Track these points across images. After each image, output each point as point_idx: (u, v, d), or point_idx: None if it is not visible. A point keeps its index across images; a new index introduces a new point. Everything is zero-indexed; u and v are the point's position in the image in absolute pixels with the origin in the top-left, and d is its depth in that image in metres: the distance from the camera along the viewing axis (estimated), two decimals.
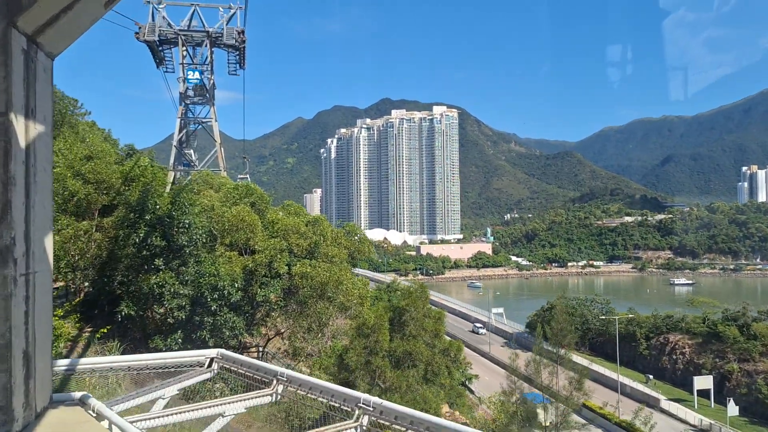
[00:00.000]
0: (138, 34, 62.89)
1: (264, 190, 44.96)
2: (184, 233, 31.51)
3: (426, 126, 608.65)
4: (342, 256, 42.44)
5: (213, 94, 70.54)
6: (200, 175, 53.93)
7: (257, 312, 37.79)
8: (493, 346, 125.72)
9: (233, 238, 36.12)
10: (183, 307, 30.87)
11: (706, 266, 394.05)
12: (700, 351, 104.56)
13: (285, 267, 35.98)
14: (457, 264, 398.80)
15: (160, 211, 31.54)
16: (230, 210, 36.85)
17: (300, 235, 38.09)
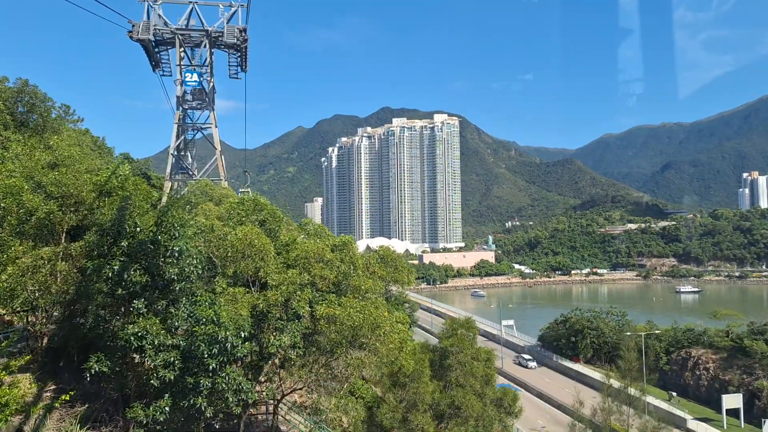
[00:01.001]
0: (131, 32, 58.05)
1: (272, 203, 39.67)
2: (174, 264, 24.97)
3: (427, 134, 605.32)
4: (377, 289, 33.85)
5: (213, 98, 65.28)
6: (198, 186, 47.55)
7: (268, 364, 30.35)
8: (506, 361, 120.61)
9: (238, 268, 29.55)
10: (171, 364, 23.92)
11: (711, 273, 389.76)
12: (725, 367, 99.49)
13: (306, 307, 28.84)
14: (460, 272, 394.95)
15: (142, 235, 25.06)
16: (234, 231, 30.26)
17: (324, 264, 30.83)
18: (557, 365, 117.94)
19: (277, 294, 27.69)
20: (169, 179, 61.55)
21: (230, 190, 48.61)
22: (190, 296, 25.89)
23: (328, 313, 28.42)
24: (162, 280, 25.07)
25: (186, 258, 25.23)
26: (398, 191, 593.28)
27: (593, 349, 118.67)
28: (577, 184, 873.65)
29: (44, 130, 45.93)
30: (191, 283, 26.03)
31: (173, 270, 24.83)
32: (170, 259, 24.97)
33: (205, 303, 24.75)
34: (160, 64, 67.53)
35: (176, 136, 62.61)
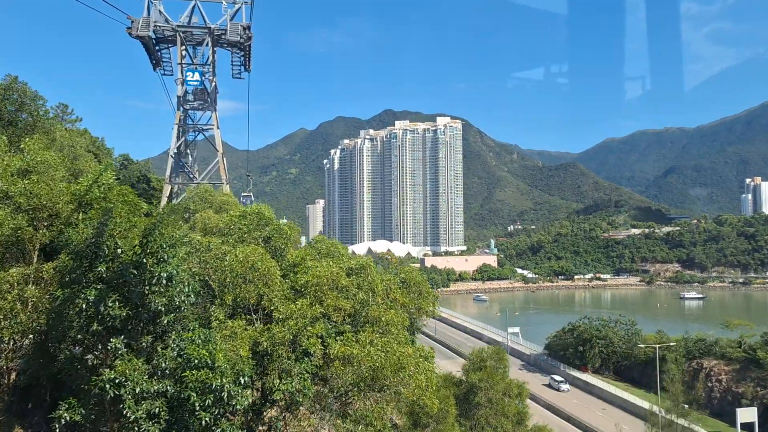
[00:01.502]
0: (130, 29, 55.61)
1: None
2: (161, 293, 20.98)
3: (429, 137, 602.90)
4: (401, 321, 29.16)
5: (215, 99, 62.73)
6: (197, 192, 44.63)
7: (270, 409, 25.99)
8: (511, 369, 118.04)
9: (238, 295, 25.53)
10: (156, 416, 19.81)
11: (715, 279, 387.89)
12: (738, 379, 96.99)
13: (318, 346, 24.62)
14: (462, 276, 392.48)
15: (124, 257, 21.11)
16: (234, 252, 26.27)
17: (339, 292, 26.64)
18: (566, 375, 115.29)
19: (284, 330, 23.76)
20: (169, 182, 59.12)
21: (231, 197, 45.26)
22: (180, 331, 21.94)
23: (343, 353, 24.73)
24: (147, 312, 21.24)
25: (176, 285, 21.46)
26: (400, 194, 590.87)
27: (601, 358, 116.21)
28: (579, 188, 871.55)
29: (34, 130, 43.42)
30: (182, 314, 22.33)
31: (160, 300, 21.00)
32: (157, 287, 21.04)
33: (198, 340, 20.95)
34: (160, 62, 65.11)
35: (176, 137, 60.11)
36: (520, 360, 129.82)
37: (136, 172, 76.51)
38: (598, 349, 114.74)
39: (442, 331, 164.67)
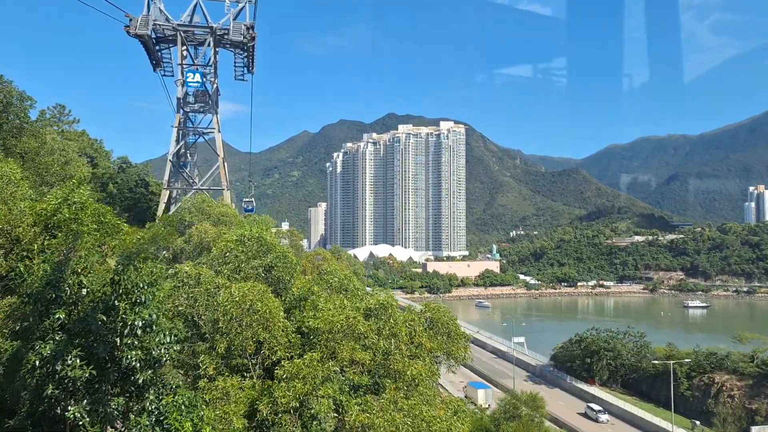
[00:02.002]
0: (128, 27, 53.17)
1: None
2: (135, 346, 16.87)
3: (433, 141, 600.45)
4: (430, 373, 25.05)
5: (216, 101, 60.07)
6: (194, 202, 41.34)
7: None
8: (517, 381, 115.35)
9: (233, 342, 21.52)
10: None
11: (719, 288, 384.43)
12: (751, 395, 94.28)
13: (331, 413, 20.34)
14: (464, 282, 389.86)
15: (89, 298, 17.25)
16: (230, 289, 22.35)
17: (356, 340, 22.49)
18: (571, 387, 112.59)
19: (289, 394, 19.39)
20: (168, 187, 56.54)
21: (230, 207, 41.39)
22: (160, 389, 17.74)
23: (362, 422, 20.11)
24: (117, 369, 16.92)
25: (156, 334, 17.22)
26: (402, 198, 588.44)
27: (609, 371, 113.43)
28: (582, 194, 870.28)
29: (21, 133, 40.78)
30: (162, 368, 17.94)
31: (135, 354, 16.71)
32: (130, 339, 16.79)
33: (182, 405, 16.85)
34: (161, 63, 62.63)
35: (176, 140, 57.52)
36: (525, 371, 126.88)
37: (135, 175, 74.10)
38: (606, 361, 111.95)
39: None
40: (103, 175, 66.80)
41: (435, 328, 29.80)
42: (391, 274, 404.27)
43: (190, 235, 30.51)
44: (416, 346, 26.48)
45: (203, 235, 30.12)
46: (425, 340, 26.82)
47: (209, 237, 29.78)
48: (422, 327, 27.92)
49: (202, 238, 29.96)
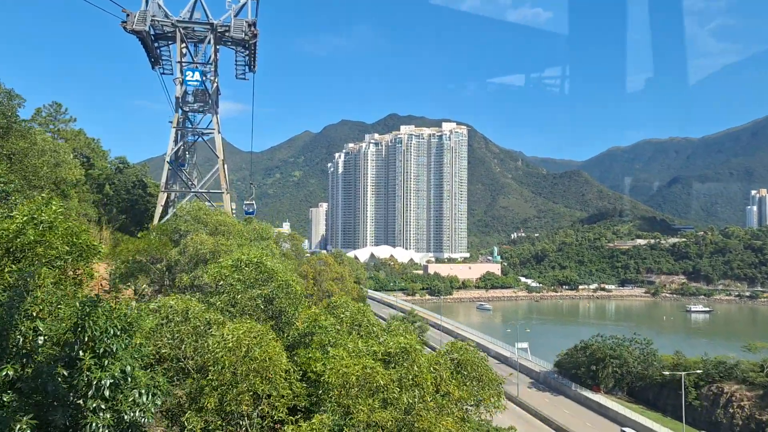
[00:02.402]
0: (125, 23, 51.10)
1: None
2: (103, 409, 13.44)
3: (435, 142, 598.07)
4: None
5: (216, 101, 57.96)
6: (189, 209, 38.28)
7: None
8: (521, 387, 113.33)
9: (226, 397, 18.04)
10: None
11: (722, 292, 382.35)
12: (762, 405, 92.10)
13: None
14: (465, 284, 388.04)
15: (45, 349, 14.13)
16: (221, 331, 19.03)
17: (374, 397, 19.29)
18: (576, 395, 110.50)
19: None
20: (165, 190, 54.42)
21: (229, 216, 37.95)
22: None
23: None
24: None
25: (129, 392, 13.79)
26: (404, 199, 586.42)
27: (615, 378, 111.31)
28: (584, 196, 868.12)
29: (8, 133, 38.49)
30: None
31: (103, 419, 13.10)
32: (95, 402, 13.25)
33: None
34: (159, 60, 60.55)
35: (174, 141, 55.43)
36: (528, 377, 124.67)
37: (132, 176, 72.11)
38: (612, 369, 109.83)
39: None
40: (99, 176, 64.87)
41: (463, 372, 26.13)
42: (392, 275, 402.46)
43: (185, 246, 28.49)
44: (443, 395, 22.62)
45: (199, 246, 28.11)
46: (453, 387, 23.35)
47: (205, 248, 27.72)
48: (449, 372, 24.57)
49: (197, 250, 27.86)
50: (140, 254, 29.09)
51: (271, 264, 24.20)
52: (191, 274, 26.52)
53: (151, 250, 28.67)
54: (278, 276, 23.64)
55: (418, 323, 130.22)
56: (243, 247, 28.53)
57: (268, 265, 24.15)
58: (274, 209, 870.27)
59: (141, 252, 29.44)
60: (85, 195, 57.93)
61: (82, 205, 56.23)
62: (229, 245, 27.29)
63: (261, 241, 31.35)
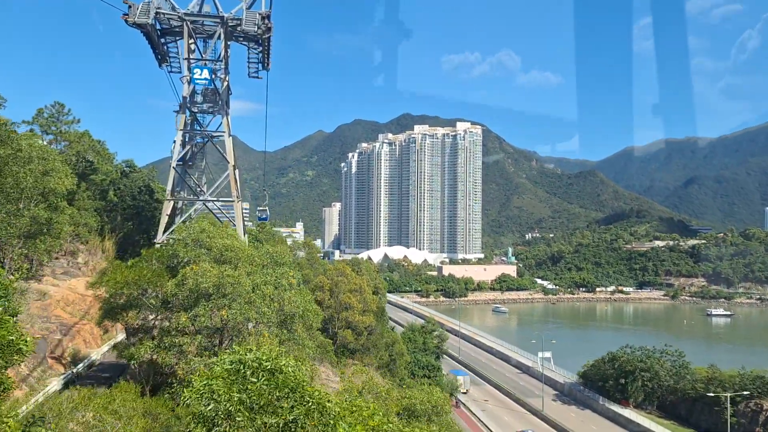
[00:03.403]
0: (127, 15, 46.67)
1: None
2: None
3: (449, 142, 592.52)
4: None
5: (227, 101, 53.40)
6: (190, 231, 31.94)
7: None
8: (545, 400, 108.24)
9: None
10: None
11: (742, 296, 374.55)
12: None
13: None
14: (481, 286, 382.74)
15: None
16: None
17: None
18: (604, 409, 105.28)
19: None
20: (171, 198, 49.87)
21: (236, 238, 29.72)
22: None
23: None
24: None
25: None
26: (418, 199, 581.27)
27: (645, 392, 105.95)
28: (599, 196, 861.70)
29: None
30: None
31: None
32: None
33: None
34: (167, 58, 56.04)
35: (181, 145, 50.99)
36: (553, 389, 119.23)
37: (139, 181, 67.90)
38: (642, 382, 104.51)
39: (465, 351, 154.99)
40: (102, 182, 60.62)
41: None
42: (406, 276, 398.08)
43: (183, 277, 24.06)
44: None
45: (200, 278, 24.18)
46: None
47: (208, 281, 23.49)
48: None
49: (198, 283, 23.71)
50: (129, 286, 25.00)
51: (294, 370, 15.52)
52: (191, 313, 22.07)
53: (143, 282, 24.35)
54: (305, 391, 15.11)
55: (437, 332, 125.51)
56: (255, 275, 23.80)
57: (288, 373, 15.32)
58: (287, 208, 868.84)
59: (131, 284, 25.16)
60: (85, 202, 53.74)
61: (82, 214, 52.04)
62: (237, 276, 22.98)
63: (275, 268, 26.63)
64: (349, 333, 66.53)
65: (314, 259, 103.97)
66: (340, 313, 67.36)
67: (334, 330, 67.52)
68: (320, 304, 70.31)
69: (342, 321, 67.48)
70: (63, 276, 41.67)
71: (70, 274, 43.28)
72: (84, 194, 54.34)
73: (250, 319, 21.89)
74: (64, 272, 43.10)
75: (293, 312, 22.70)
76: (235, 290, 21.98)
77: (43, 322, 31.31)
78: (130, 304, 24.58)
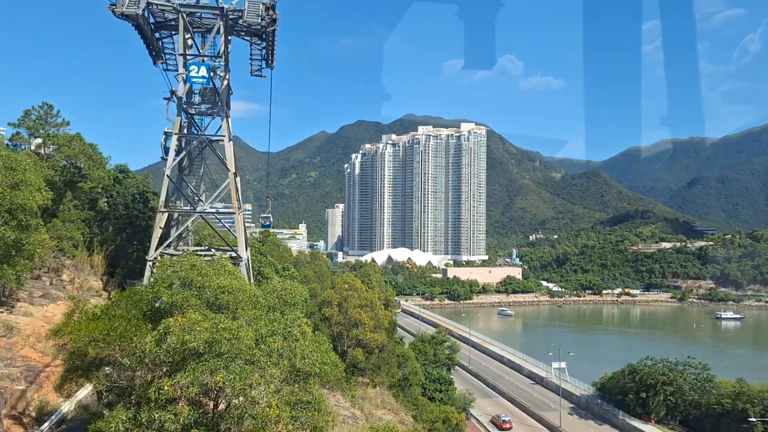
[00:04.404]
0: (114, 5, 41.57)
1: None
2: None
3: (453, 143, 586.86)
4: None
5: (227, 101, 48.29)
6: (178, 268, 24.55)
7: None
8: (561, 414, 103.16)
9: None
10: None
11: (751, 298, 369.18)
12: None
13: None
14: (486, 288, 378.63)
15: None
16: None
17: None
18: (624, 425, 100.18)
19: None
20: (165, 210, 44.72)
21: (236, 275, 24.60)
22: None
23: None
24: None
25: None
26: (422, 201, 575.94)
27: (667, 407, 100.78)
28: (603, 197, 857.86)
29: None
30: None
31: None
32: None
33: None
34: (162, 54, 50.94)
35: (176, 150, 46.06)
36: (568, 402, 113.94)
37: (133, 188, 63.02)
38: (664, 396, 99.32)
39: (476, 360, 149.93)
40: (92, 190, 55.65)
41: None
42: (411, 279, 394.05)
43: (165, 330, 18.54)
44: None
45: (187, 334, 18.03)
46: None
47: (197, 339, 17.85)
48: None
49: (184, 340, 17.98)
50: (96, 345, 19.26)
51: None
52: (174, 380, 16.85)
53: (113, 337, 19.51)
54: None
55: (448, 342, 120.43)
56: (259, 321, 18.76)
57: None
58: (290, 210, 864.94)
59: (97, 342, 19.25)
60: (71, 213, 48.83)
61: (67, 226, 47.17)
62: (236, 329, 17.78)
63: (285, 308, 21.27)
64: (360, 352, 61.66)
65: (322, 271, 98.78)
66: (350, 331, 62.47)
67: (344, 348, 62.67)
68: (328, 320, 65.57)
69: (352, 339, 62.64)
70: (41, 300, 36.37)
71: (49, 297, 37.95)
72: (70, 204, 49.46)
73: (253, 385, 16.87)
74: (43, 295, 37.77)
75: (308, 371, 17.84)
76: (233, 347, 16.98)
77: (5, 365, 25.95)
78: (98, 362, 19.57)
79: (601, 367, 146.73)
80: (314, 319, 63.59)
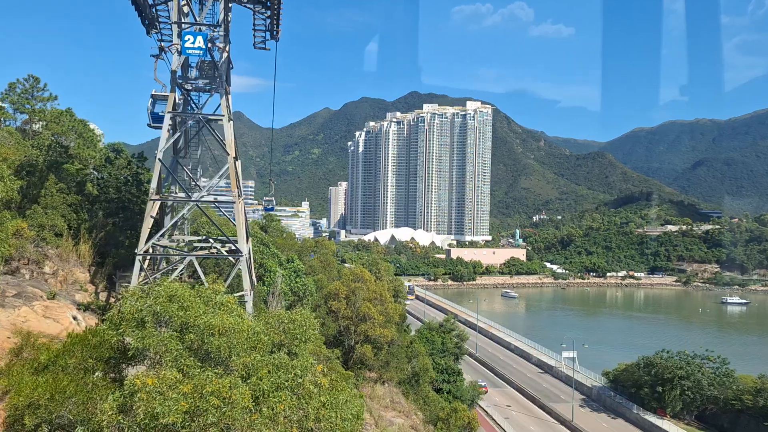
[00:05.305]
0: None
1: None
2: None
3: (458, 122, 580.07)
4: None
5: (227, 76, 43.55)
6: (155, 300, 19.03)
7: None
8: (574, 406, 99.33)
9: None
10: None
11: (757, 282, 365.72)
12: None
13: None
14: (489, 270, 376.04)
15: None
16: None
17: None
18: (638, 419, 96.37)
19: None
20: (156, 198, 40.08)
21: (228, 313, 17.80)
22: None
23: None
24: None
25: None
26: (426, 180, 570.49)
27: (683, 401, 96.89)
28: (607, 178, 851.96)
29: None
30: None
31: None
32: None
33: None
34: (156, 23, 46.23)
35: (169, 131, 41.49)
36: (579, 393, 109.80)
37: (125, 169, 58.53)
38: (681, 390, 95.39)
39: (483, 347, 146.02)
40: (79, 171, 51.13)
41: None
42: (414, 259, 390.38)
43: (131, 393, 13.85)
44: None
45: (158, 406, 13.06)
46: None
47: (172, 414, 12.91)
48: None
49: (154, 411, 13.09)
50: (34, 412, 14.33)
51: None
52: None
53: (61, 400, 14.73)
54: None
55: (456, 331, 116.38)
56: (259, 370, 14.13)
57: None
58: (293, 187, 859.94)
59: (38, 408, 14.37)
60: (54, 198, 44.39)
61: (50, 214, 42.81)
62: (227, 389, 13.19)
63: (294, 349, 16.46)
64: (369, 349, 57.53)
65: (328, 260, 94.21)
66: (358, 326, 58.28)
67: (351, 344, 58.60)
68: (335, 314, 61.42)
69: (360, 334, 58.48)
70: (14, 300, 31.56)
71: (24, 296, 33.23)
72: (53, 188, 45.02)
73: None
74: (17, 294, 33.11)
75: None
76: (225, 416, 12.51)
77: None
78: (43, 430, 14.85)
79: (610, 354, 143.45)
80: (320, 312, 59.52)
